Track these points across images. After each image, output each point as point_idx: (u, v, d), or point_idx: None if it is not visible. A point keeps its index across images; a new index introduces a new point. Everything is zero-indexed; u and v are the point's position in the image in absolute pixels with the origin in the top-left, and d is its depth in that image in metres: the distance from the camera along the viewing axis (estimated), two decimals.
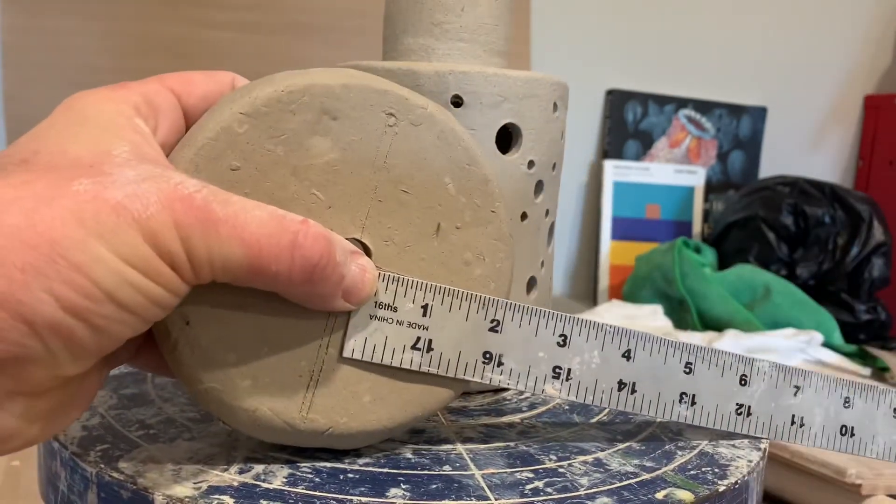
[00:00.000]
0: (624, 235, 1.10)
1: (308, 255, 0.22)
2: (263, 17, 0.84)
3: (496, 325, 0.27)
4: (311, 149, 0.25)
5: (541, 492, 0.26)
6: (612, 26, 1.11)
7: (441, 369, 0.26)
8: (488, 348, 0.27)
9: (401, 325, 0.26)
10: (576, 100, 1.08)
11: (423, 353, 0.26)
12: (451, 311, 0.26)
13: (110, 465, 0.25)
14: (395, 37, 0.36)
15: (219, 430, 0.29)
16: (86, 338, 0.20)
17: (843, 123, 1.29)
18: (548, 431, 0.32)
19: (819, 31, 1.24)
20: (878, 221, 0.97)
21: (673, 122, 1.16)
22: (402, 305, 0.26)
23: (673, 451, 0.30)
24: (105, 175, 0.20)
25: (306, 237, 0.22)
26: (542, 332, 0.27)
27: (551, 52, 1.06)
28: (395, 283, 0.26)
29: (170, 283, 0.21)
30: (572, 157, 1.12)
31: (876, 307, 0.97)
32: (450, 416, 0.33)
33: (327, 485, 0.25)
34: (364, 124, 0.26)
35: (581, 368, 0.28)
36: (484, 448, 0.30)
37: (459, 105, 0.33)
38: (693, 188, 1.14)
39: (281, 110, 0.24)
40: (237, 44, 0.82)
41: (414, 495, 0.25)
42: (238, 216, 0.21)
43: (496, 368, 0.27)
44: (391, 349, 0.26)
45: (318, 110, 0.25)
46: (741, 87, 1.20)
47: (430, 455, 0.28)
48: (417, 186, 0.26)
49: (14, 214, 0.19)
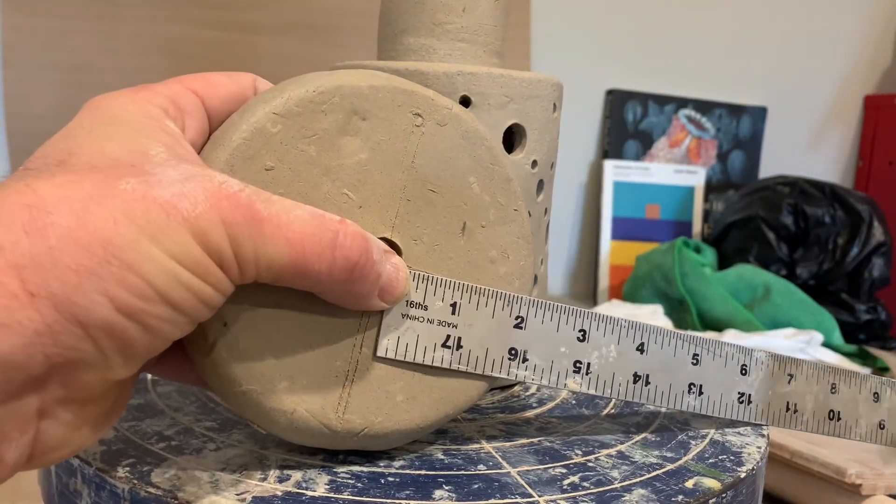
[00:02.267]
0: (624, 235, 1.10)
1: (348, 255, 0.22)
2: (263, 17, 0.84)
3: (520, 321, 0.27)
4: (342, 149, 0.25)
5: (579, 487, 0.26)
6: (612, 26, 1.11)
7: (470, 366, 0.27)
8: (513, 345, 0.27)
9: (431, 323, 0.26)
10: (576, 100, 1.08)
11: (452, 351, 0.27)
12: (478, 309, 0.27)
13: (143, 481, 0.25)
14: (395, 36, 0.36)
15: (242, 437, 0.29)
16: (138, 339, 0.19)
17: (843, 123, 1.29)
18: (565, 426, 0.33)
19: (819, 31, 1.24)
20: (878, 221, 0.97)
21: (673, 122, 1.16)
22: (433, 304, 0.26)
23: (686, 440, 0.31)
24: (149, 174, 0.20)
25: (346, 236, 0.22)
26: (563, 328, 0.28)
27: (551, 52, 1.06)
28: (426, 282, 0.26)
29: (219, 283, 0.21)
30: (572, 157, 1.12)
31: (876, 307, 0.97)
32: (466, 414, 0.33)
33: (371, 489, 0.25)
34: (392, 124, 0.26)
35: (599, 362, 0.28)
36: (510, 446, 0.30)
37: (467, 105, 0.33)
38: (693, 188, 1.14)
39: (313, 111, 0.24)
40: (237, 44, 0.82)
41: (459, 496, 0.25)
42: (281, 216, 0.21)
43: (521, 364, 0.27)
44: (423, 347, 0.26)
45: (349, 110, 0.25)
46: (741, 87, 1.20)
47: (461, 455, 0.29)
48: (444, 186, 0.27)
49: (64, 215, 0.18)
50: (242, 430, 0.30)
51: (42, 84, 0.75)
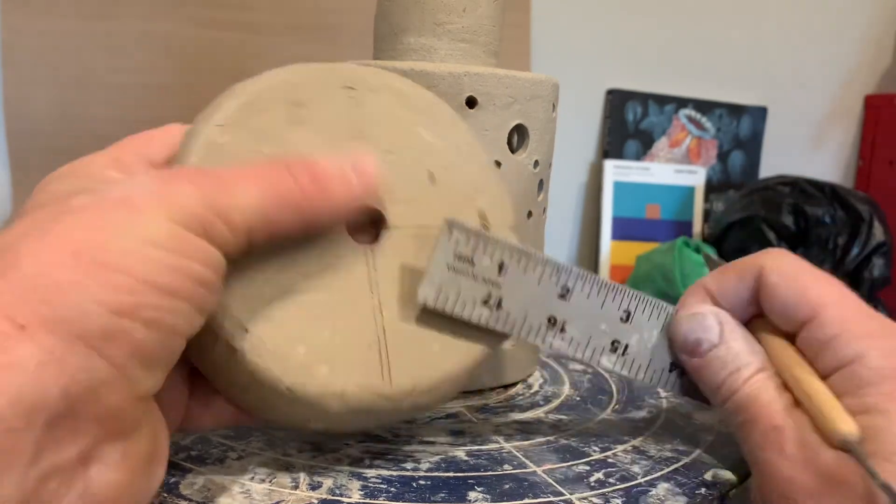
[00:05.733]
0: (624, 235, 1.10)
1: (305, 167, 0.23)
2: (264, 16, 0.84)
3: (565, 292, 0.27)
4: (293, 140, 0.26)
5: (605, 483, 0.27)
6: (612, 26, 1.11)
7: (507, 328, 0.27)
8: (554, 313, 0.27)
9: (475, 279, 0.26)
10: (576, 100, 1.08)
11: (492, 311, 0.26)
12: (525, 273, 0.27)
13: (173, 493, 0.24)
14: (394, 35, 0.36)
15: (262, 445, 0.29)
16: (146, 339, 0.19)
17: (843, 123, 1.29)
18: (576, 424, 0.33)
19: (819, 31, 1.24)
20: (878, 221, 0.97)
21: (673, 121, 1.16)
22: (480, 261, 0.26)
23: (694, 433, 0.32)
24: (99, 190, 0.21)
25: (295, 161, 0.23)
26: (607, 305, 0.28)
27: (551, 52, 1.06)
28: (477, 238, 0.26)
29: (207, 256, 0.21)
30: (572, 157, 1.12)
31: (876, 307, 0.96)
32: (479, 414, 0.33)
33: (405, 494, 0.25)
34: (329, 103, 0.26)
35: (639, 346, 0.28)
36: (528, 444, 0.30)
37: (473, 106, 0.33)
38: (693, 188, 1.14)
39: (252, 112, 0.25)
40: (237, 44, 0.82)
41: (493, 496, 0.25)
42: (236, 169, 0.22)
43: (558, 334, 0.27)
44: (463, 302, 0.26)
45: (286, 102, 0.26)
46: (741, 87, 1.20)
47: (484, 455, 0.29)
48: (397, 144, 0.27)
49: (28, 243, 0.18)
50: (260, 437, 0.29)
51: (42, 84, 0.75)
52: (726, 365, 0.27)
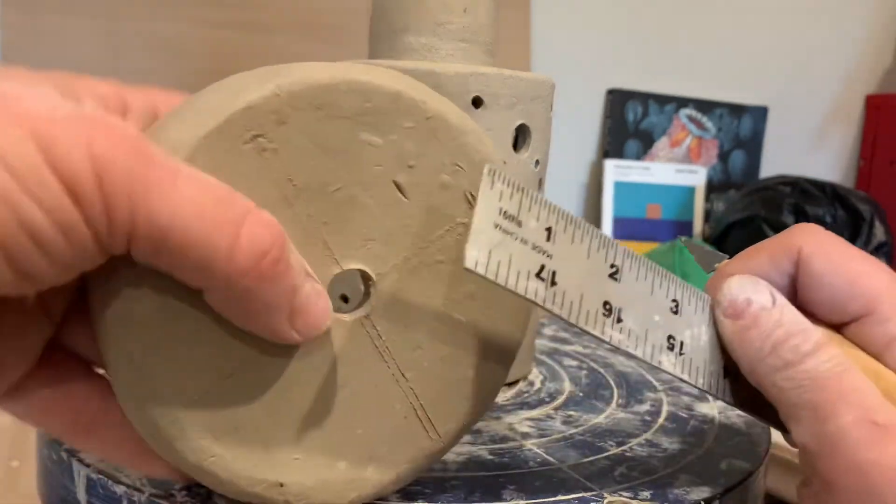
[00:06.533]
0: (624, 235, 1.10)
1: (258, 238, 0.17)
2: (264, 16, 0.84)
3: (615, 271, 0.23)
4: None
5: (629, 476, 0.27)
6: (612, 26, 1.11)
7: (563, 310, 0.22)
8: (608, 298, 0.23)
9: (525, 244, 0.21)
10: (576, 100, 1.08)
11: (547, 286, 0.21)
12: (573, 243, 0.22)
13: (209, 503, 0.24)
14: (394, 34, 0.36)
15: None
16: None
17: (844, 123, 1.29)
18: (586, 419, 0.33)
19: (820, 31, 1.24)
20: (879, 221, 0.97)
21: (673, 121, 1.15)
22: (527, 221, 0.21)
23: (699, 426, 0.32)
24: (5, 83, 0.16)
25: (259, 220, 0.18)
26: (657, 292, 0.24)
27: (551, 51, 1.06)
28: (520, 193, 0.21)
29: (61, 212, 0.15)
30: (572, 157, 1.12)
31: None
32: (491, 413, 0.34)
33: (440, 494, 0.25)
34: (246, 164, 0.20)
35: (692, 343, 0.24)
36: (547, 441, 0.30)
37: (479, 106, 0.33)
38: (694, 188, 1.14)
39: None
40: (237, 43, 0.82)
41: (527, 495, 0.25)
42: (182, 170, 0.17)
43: (616, 325, 0.23)
44: (515, 272, 0.21)
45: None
46: (742, 87, 1.20)
47: (508, 454, 0.29)
48: (347, 164, 0.22)
49: None
50: None
51: None
52: (782, 324, 0.22)
